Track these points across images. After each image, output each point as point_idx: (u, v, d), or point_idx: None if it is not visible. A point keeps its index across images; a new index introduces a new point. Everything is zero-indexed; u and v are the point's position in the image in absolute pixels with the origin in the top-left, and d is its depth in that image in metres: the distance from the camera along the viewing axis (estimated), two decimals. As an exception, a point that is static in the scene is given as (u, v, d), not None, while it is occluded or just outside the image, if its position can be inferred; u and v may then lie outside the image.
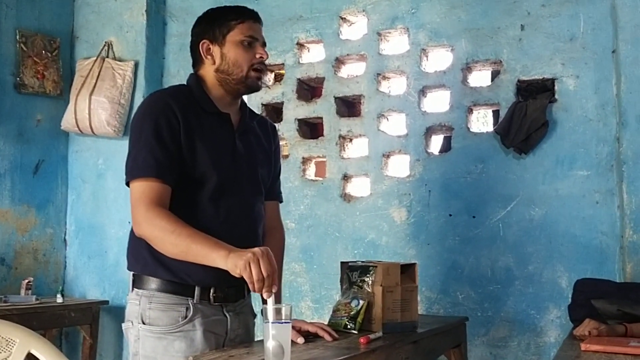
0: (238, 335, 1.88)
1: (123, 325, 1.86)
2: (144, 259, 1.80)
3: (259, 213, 1.95)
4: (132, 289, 1.84)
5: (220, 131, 1.86)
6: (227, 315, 1.85)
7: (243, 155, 1.89)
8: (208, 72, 1.89)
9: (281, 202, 2.15)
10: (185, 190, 1.78)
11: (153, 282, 1.79)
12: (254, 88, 1.92)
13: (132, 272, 1.86)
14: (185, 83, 1.94)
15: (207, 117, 1.84)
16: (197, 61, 1.93)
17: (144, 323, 1.77)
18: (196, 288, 1.79)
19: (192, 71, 1.97)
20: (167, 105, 1.78)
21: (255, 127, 1.99)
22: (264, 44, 1.90)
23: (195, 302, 1.79)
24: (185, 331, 1.76)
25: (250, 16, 1.89)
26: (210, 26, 1.88)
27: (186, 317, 1.77)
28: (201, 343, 1.77)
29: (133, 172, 1.75)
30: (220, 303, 1.83)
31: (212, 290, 1.81)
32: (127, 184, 1.78)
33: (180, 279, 1.78)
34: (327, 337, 1.87)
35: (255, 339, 1.97)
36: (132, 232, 1.82)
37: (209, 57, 1.88)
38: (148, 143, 1.74)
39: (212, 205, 1.81)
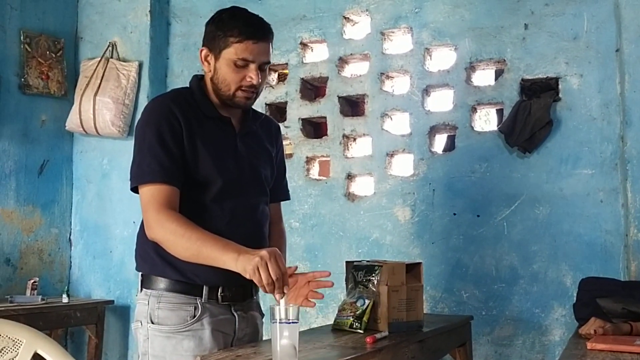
0: (246, 335, 1.88)
1: (132, 325, 1.89)
2: (152, 259, 1.81)
3: (264, 213, 1.95)
4: (141, 289, 1.85)
5: (221, 135, 1.87)
6: (235, 314, 1.86)
7: (245, 157, 1.89)
8: (208, 77, 1.89)
9: (288, 199, 2.16)
10: (190, 192, 1.79)
11: (161, 282, 1.81)
12: (240, 107, 1.88)
13: (140, 273, 1.87)
14: (188, 85, 1.94)
15: (208, 121, 1.85)
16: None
17: (152, 323, 1.79)
18: (204, 287, 1.80)
19: (195, 71, 1.97)
20: (169, 110, 1.79)
21: (257, 129, 1.98)
22: (263, 64, 1.83)
23: (203, 301, 1.80)
24: (194, 330, 1.78)
25: (252, 36, 1.79)
26: (212, 34, 1.84)
27: (194, 316, 1.78)
28: (210, 342, 1.78)
29: (138, 178, 1.76)
30: (228, 302, 1.84)
31: (220, 290, 1.82)
32: (133, 190, 1.79)
33: (188, 278, 1.79)
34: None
35: (264, 338, 1.98)
36: (139, 233, 1.84)
37: (205, 64, 1.86)
38: (152, 148, 1.75)
39: (217, 207, 1.82)
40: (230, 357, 1.62)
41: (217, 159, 1.82)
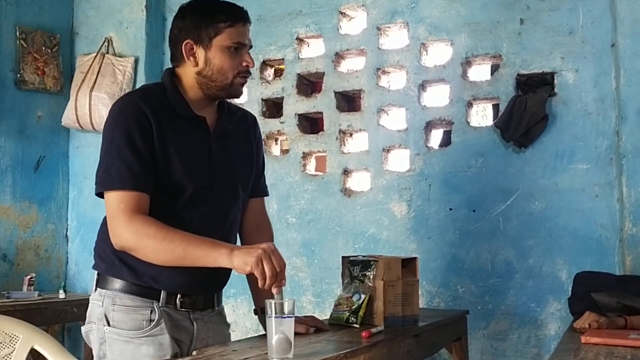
0: (208, 345, 1.76)
1: (83, 328, 1.80)
2: (110, 260, 1.73)
3: (234, 223, 1.87)
4: (95, 289, 1.77)
5: (194, 136, 1.76)
6: (194, 322, 1.78)
7: (220, 160, 1.79)
8: (187, 72, 1.77)
9: (267, 195, 2.04)
10: (158, 198, 1.69)
11: (117, 283, 1.72)
12: (236, 95, 1.81)
13: (96, 272, 1.79)
14: (160, 80, 1.82)
15: (180, 121, 1.74)
16: (176, 58, 1.79)
17: (109, 325, 1.71)
18: (162, 292, 1.72)
19: None
20: (138, 109, 1.68)
21: (233, 127, 1.87)
22: (250, 47, 1.79)
23: (160, 305, 1.72)
24: (153, 336, 1.70)
25: (240, 18, 1.74)
26: (196, 25, 1.73)
27: (151, 320, 1.70)
28: (170, 347, 1.70)
29: (106, 184, 1.65)
30: (187, 309, 1.76)
31: (179, 296, 1.74)
32: (99, 195, 1.69)
33: (145, 282, 1.71)
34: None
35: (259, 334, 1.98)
36: (100, 232, 1.77)
37: (191, 58, 1.74)
38: (121, 152, 1.64)
39: (186, 215, 1.73)
40: (226, 352, 1.62)
41: (190, 164, 1.72)
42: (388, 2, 3.44)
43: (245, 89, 1.89)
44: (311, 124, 3.72)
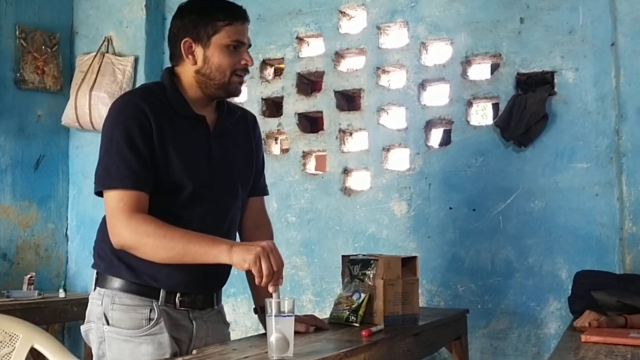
0: (208, 344, 1.76)
1: (82, 327, 1.80)
2: (109, 258, 1.74)
3: (234, 220, 1.87)
4: (95, 288, 1.77)
5: (194, 135, 1.76)
6: (194, 321, 1.78)
7: (219, 159, 1.79)
8: (186, 71, 1.77)
9: (267, 194, 2.05)
10: (158, 197, 1.69)
11: (116, 282, 1.72)
12: (234, 94, 1.81)
13: (95, 271, 1.79)
14: (159, 79, 1.83)
15: (180, 120, 1.74)
16: (175, 56, 1.80)
17: (108, 324, 1.71)
18: (161, 291, 1.72)
19: None
20: (138, 109, 1.68)
21: (233, 126, 1.87)
22: (249, 47, 1.79)
23: (159, 304, 1.72)
24: (153, 334, 1.70)
25: (239, 17, 1.75)
26: (194, 23, 1.74)
27: (150, 319, 1.70)
28: (169, 346, 1.70)
29: (105, 183, 1.65)
30: (186, 308, 1.76)
31: (178, 295, 1.74)
32: (98, 194, 1.69)
33: (144, 281, 1.71)
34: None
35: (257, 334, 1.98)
36: (99, 231, 1.77)
37: (190, 56, 1.74)
38: (121, 151, 1.64)
39: (186, 213, 1.73)
40: (226, 351, 1.63)
41: (189, 163, 1.72)
42: (388, 1, 3.43)
43: (245, 88, 1.89)
44: (311, 123, 3.72)
